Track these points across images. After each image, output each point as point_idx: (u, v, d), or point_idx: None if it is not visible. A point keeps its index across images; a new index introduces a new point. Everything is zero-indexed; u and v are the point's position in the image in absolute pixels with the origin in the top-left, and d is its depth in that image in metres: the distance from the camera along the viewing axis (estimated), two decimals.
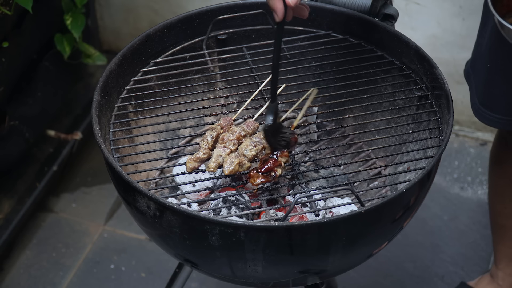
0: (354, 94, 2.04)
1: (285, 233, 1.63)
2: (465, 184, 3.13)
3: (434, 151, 1.85)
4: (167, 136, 2.09)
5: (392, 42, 2.03)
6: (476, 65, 2.24)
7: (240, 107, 1.97)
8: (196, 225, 1.65)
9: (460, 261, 2.86)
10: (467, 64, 2.31)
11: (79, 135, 3.16)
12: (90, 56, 3.16)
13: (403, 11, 3.07)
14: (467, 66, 2.30)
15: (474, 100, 2.23)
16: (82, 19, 3.00)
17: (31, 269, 2.85)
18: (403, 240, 2.87)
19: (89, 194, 3.11)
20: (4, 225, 2.83)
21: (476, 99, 2.22)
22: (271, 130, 1.80)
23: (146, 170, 1.85)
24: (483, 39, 2.16)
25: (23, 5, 2.52)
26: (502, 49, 2.08)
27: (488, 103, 2.19)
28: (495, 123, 2.22)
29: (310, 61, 2.09)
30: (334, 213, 1.89)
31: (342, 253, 1.72)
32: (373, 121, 2.03)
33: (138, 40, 2.01)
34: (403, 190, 1.67)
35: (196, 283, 2.78)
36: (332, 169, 2.03)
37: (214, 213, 1.86)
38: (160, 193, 2.03)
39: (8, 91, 2.81)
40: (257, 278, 1.76)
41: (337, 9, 2.07)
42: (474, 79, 2.24)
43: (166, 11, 3.37)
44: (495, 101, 2.19)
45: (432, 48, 3.01)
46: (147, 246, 2.90)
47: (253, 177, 1.77)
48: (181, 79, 2.07)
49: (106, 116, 1.90)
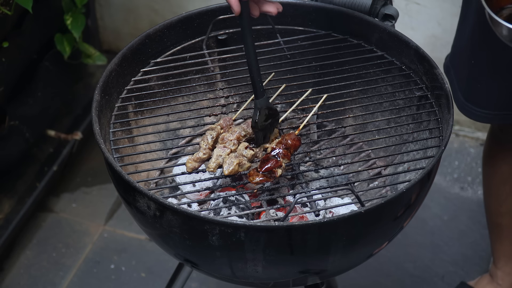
0: (354, 94, 2.04)
1: (285, 233, 1.63)
2: (465, 184, 3.13)
3: (434, 151, 1.85)
4: (167, 136, 2.09)
5: (392, 42, 2.03)
6: (456, 60, 2.24)
7: (240, 107, 1.97)
8: (196, 225, 1.65)
9: (460, 261, 2.86)
10: (447, 59, 2.31)
11: (79, 135, 3.16)
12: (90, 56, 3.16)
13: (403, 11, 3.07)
14: (446, 61, 2.31)
15: (458, 95, 2.23)
16: (82, 19, 2.99)
17: (31, 269, 2.85)
18: (403, 240, 2.87)
19: (89, 194, 3.11)
20: (4, 225, 2.83)
21: (460, 95, 2.23)
22: (259, 126, 1.81)
23: (146, 170, 1.85)
24: (463, 34, 2.17)
25: (23, 5, 2.52)
26: (486, 45, 2.09)
27: (474, 98, 2.20)
28: (483, 118, 2.23)
29: (310, 61, 2.09)
30: (334, 213, 1.89)
31: (342, 253, 1.72)
32: (373, 121, 2.03)
33: (138, 40, 2.01)
34: (403, 190, 1.67)
35: (196, 283, 2.78)
36: (332, 169, 2.02)
37: (214, 213, 1.86)
38: (160, 193, 2.02)
39: (8, 91, 2.81)
40: (257, 278, 1.76)
41: (337, 9, 2.07)
42: (455, 74, 2.25)
43: (166, 11, 3.37)
44: (482, 97, 2.19)
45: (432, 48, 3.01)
46: (147, 246, 2.90)
47: (252, 175, 1.77)
48: (181, 79, 2.07)
49: (106, 116, 1.90)
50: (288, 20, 2.12)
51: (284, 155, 1.81)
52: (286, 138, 1.83)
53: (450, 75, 2.27)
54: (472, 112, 2.22)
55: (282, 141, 1.83)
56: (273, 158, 1.79)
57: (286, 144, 1.82)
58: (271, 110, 1.82)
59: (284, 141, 1.83)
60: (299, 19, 2.12)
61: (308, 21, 2.11)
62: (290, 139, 1.83)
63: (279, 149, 1.81)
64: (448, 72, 2.29)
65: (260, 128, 1.81)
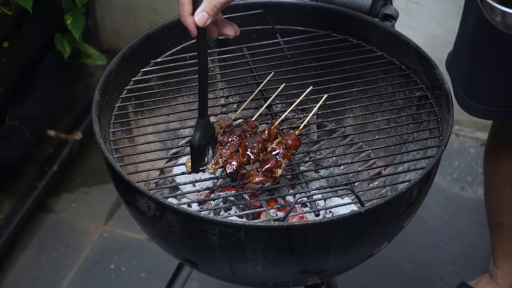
0: (354, 94, 2.04)
1: (285, 233, 1.63)
2: (465, 184, 3.13)
3: (434, 151, 1.85)
4: (167, 136, 2.09)
5: (392, 42, 2.03)
6: (458, 57, 2.25)
7: (240, 107, 1.97)
8: (196, 225, 1.65)
9: (460, 261, 2.86)
10: (449, 56, 2.31)
11: (79, 135, 3.16)
12: (90, 56, 3.16)
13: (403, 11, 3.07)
14: (448, 58, 2.31)
15: (458, 91, 2.24)
16: (82, 19, 2.99)
17: (31, 269, 2.85)
18: (403, 240, 2.87)
19: (89, 194, 3.11)
20: (4, 225, 2.83)
21: (460, 91, 2.23)
22: (198, 149, 1.73)
23: (146, 170, 1.85)
24: (465, 31, 2.17)
25: (23, 5, 2.52)
26: (488, 42, 2.09)
27: (474, 94, 2.20)
28: (483, 114, 2.23)
29: (310, 61, 2.09)
30: (334, 213, 1.89)
31: (342, 253, 1.72)
32: (373, 121, 2.03)
33: (138, 40, 2.01)
34: (403, 190, 1.67)
35: (196, 283, 2.78)
36: (332, 169, 2.02)
37: (214, 213, 1.86)
38: (160, 193, 2.02)
39: (8, 91, 2.81)
40: (257, 278, 1.76)
41: (337, 9, 2.07)
42: (457, 71, 2.25)
43: (166, 11, 3.37)
44: (482, 93, 2.20)
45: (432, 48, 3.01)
46: (147, 246, 2.90)
47: (252, 176, 1.77)
48: (181, 79, 2.07)
49: (106, 116, 1.90)
50: (288, 20, 2.12)
51: (284, 155, 1.80)
52: (286, 138, 1.83)
53: (452, 71, 2.28)
54: (473, 109, 2.22)
55: (282, 141, 1.83)
56: (273, 158, 1.79)
57: (286, 144, 1.82)
58: (211, 131, 1.75)
59: (284, 141, 1.83)
60: (299, 19, 2.12)
61: (308, 21, 2.11)
62: (290, 139, 1.83)
63: (279, 149, 1.81)
64: (450, 69, 2.29)
65: (199, 148, 1.73)
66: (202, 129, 1.70)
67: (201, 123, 1.70)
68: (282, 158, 1.80)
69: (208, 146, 1.75)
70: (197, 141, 1.71)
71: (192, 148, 1.72)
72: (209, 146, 1.76)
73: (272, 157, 1.79)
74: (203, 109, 1.69)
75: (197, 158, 1.74)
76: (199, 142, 1.71)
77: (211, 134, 1.76)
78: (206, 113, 1.69)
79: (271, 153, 1.81)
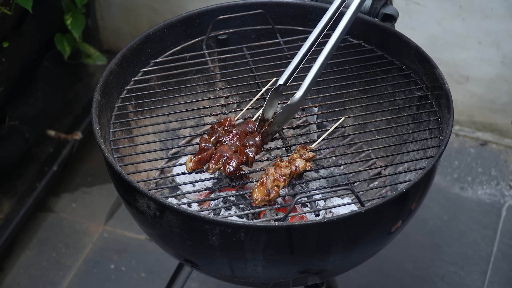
0: (354, 94, 2.04)
1: (285, 233, 1.63)
2: (465, 184, 3.13)
3: (434, 151, 1.85)
4: (167, 136, 2.10)
5: (392, 42, 2.03)
6: None
7: (240, 107, 1.97)
8: (196, 225, 1.65)
9: (460, 261, 2.86)
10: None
11: (79, 135, 3.16)
12: (90, 56, 3.16)
13: (403, 11, 3.07)
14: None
15: None
16: (82, 19, 2.99)
17: (31, 269, 2.85)
18: (403, 240, 2.87)
19: (89, 194, 3.11)
20: (4, 225, 2.83)
21: None
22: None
23: (146, 170, 1.85)
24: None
25: (23, 5, 2.52)
26: None
27: None
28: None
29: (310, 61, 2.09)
30: (334, 213, 1.89)
31: (342, 253, 1.72)
32: (373, 121, 2.03)
33: (138, 40, 2.01)
34: (403, 190, 1.67)
35: (196, 283, 2.78)
36: (332, 169, 2.03)
37: (214, 213, 1.86)
38: (160, 193, 2.03)
39: (8, 91, 2.81)
40: (257, 278, 1.76)
41: None
42: None
43: (166, 11, 3.37)
44: None
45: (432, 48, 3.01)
46: (147, 246, 2.90)
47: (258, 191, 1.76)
48: (181, 79, 2.07)
49: (106, 116, 1.90)
50: (288, 20, 2.12)
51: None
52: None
53: None
54: None
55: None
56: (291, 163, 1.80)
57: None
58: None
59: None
60: (299, 19, 2.12)
61: (308, 21, 2.11)
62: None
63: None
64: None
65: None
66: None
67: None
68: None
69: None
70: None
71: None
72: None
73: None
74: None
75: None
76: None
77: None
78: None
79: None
